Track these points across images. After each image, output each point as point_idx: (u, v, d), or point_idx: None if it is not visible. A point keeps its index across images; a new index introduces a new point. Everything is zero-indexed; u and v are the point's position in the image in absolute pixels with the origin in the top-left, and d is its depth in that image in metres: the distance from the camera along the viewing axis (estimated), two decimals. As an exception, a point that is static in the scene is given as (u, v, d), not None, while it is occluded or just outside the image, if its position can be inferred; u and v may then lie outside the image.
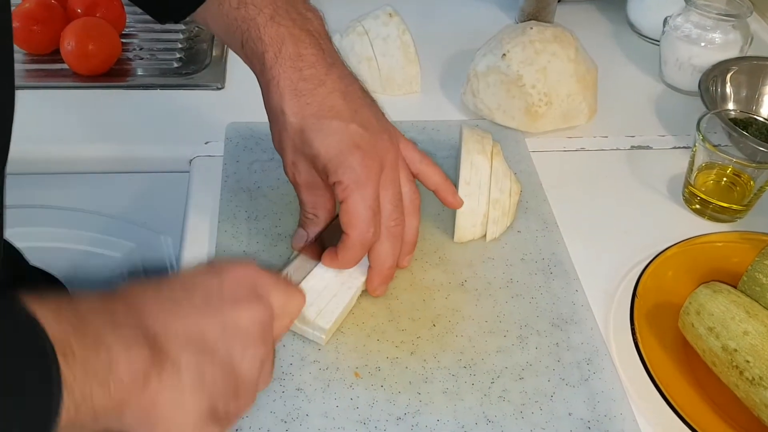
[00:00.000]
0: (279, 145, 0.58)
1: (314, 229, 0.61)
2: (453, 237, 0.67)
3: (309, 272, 0.60)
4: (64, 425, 0.35)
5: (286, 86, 0.56)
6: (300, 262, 0.59)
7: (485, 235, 0.67)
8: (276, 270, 0.57)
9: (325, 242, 0.60)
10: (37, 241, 0.83)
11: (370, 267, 0.59)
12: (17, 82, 0.88)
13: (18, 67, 0.91)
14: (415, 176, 0.61)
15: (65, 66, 0.89)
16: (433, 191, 0.63)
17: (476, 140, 0.68)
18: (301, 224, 0.62)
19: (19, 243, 0.72)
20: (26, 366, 0.34)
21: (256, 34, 0.57)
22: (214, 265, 0.48)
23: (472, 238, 0.68)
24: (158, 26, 0.98)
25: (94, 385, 0.36)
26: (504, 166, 0.68)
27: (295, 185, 0.60)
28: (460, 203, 0.64)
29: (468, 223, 0.66)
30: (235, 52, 0.60)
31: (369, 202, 0.55)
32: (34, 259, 0.74)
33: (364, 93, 0.59)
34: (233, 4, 0.58)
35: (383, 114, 0.60)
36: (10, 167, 0.55)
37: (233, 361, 0.44)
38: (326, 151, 0.55)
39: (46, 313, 0.36)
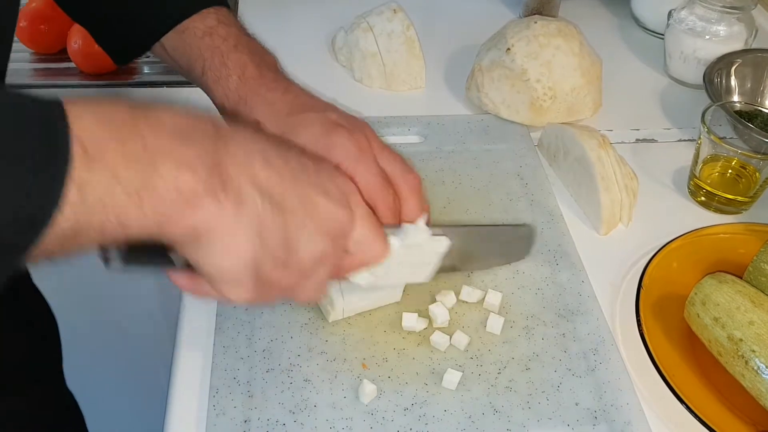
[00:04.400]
0: None
1: None
2: (598, 232, 0.70)
3: None
4: (72, 225, 0.34)
5: (255, 101, 0.58)
6: None
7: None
8: None
9: None
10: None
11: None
12: (24, 80, 0.89)
13: (25, 66, 0.92)
14: None
15: (72, 65, 0.90)
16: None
17: (588, 136, 0.71)
18: None
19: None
20: (22, 154, 0.32)
21: (219, 60, 0.59)
22: (317, 161, 0.47)
23: (615, 228, 0.71)
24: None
25: (120, 195, 0.35)
26: (616, 152, 0.72)
27: None
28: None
29: (614, 215, 0.70)
30: (193, 81, 0.62)
31: (375, 169, 0.55)
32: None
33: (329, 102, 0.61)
34: (197, 33, 0.60)
35: None
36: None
37: (297, 236, 0.43)
38: (313, 141, 0.55)
39: (88, 116, 0.35)
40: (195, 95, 0.63)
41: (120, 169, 0.35)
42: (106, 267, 0.42)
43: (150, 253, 0.42)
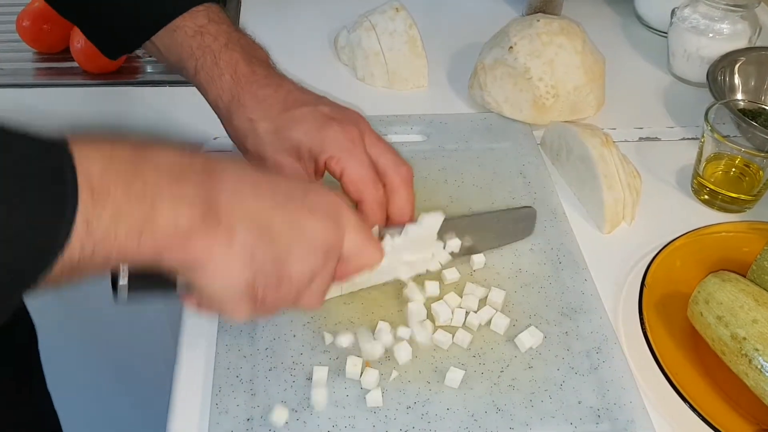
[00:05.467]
0: (257, 157, 0.59)
1: None
2: (602, 230, 0.70)
3: None
4: (78, 255, 0.37)
5: (248, 99, 0.59)
6: None
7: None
8: None
9: None
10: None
11: (389, 219, 0.59)
12: (27, 80, 0.89)
13: (28, 65, 0.92)
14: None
15: (75, 64, 0.90)
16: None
17: (591, 134, 0.71)
18: None
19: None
20: (34, 191, 0.35)
21: (211, 60, 0.60)
22: (305, 182, 0.51)
23: (618, 226, 0.71)
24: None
25: (124, 229, 0.38)
26: (619, 150, 0.72)
27: None
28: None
29: (617, 213, 0.70)
30: (186, 78, 0.62)
31: (366, 162, 0.57)
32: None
33: (322, 95, 0.62)
34: (188, 32, 0.60)
35: None
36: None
37: (287, 258, 0.46)
38: (306, 136, 0.57)
39: (95, 157, 0.38)
40: (197, 95, 0.63)
41: (123, 206, 0.38)
42: (114, 299, 0.46)
43: (153, 277, 0.45)
